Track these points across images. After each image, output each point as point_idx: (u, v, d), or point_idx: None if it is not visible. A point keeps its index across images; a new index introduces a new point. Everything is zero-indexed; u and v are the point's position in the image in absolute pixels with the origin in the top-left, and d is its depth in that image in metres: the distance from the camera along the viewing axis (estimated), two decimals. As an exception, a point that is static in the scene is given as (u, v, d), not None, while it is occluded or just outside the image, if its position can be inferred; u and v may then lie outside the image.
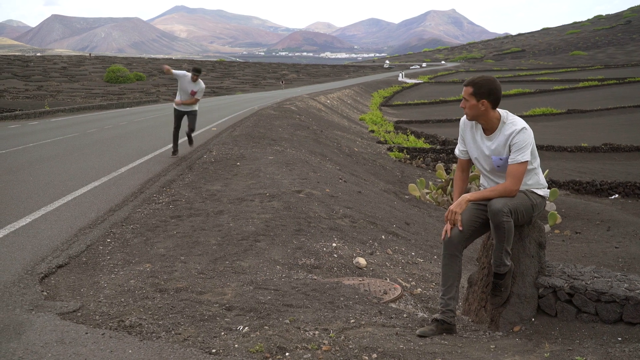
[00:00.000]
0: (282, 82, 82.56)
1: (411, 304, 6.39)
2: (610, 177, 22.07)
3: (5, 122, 31.10)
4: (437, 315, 4.96)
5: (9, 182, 11.50)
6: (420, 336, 4.77)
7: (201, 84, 15.23)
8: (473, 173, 16.17)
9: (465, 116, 5.07)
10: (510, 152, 4.83)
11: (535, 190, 4.97)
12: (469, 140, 5.14)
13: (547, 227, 13.35)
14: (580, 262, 9.98)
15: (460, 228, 4.86)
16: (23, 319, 4.91)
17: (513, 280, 5.00)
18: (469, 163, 5.29)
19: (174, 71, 15.04)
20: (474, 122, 5.04)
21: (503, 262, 4.87)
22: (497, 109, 4.90)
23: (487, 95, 4.82)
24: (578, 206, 16.31)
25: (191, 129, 15.75)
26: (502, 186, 4.83)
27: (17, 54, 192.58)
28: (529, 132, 4.82)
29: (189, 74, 15.02)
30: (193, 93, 15.21)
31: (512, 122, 4.86)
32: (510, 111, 5.00)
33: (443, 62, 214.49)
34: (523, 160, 4.76)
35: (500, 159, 4.87)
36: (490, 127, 4.93)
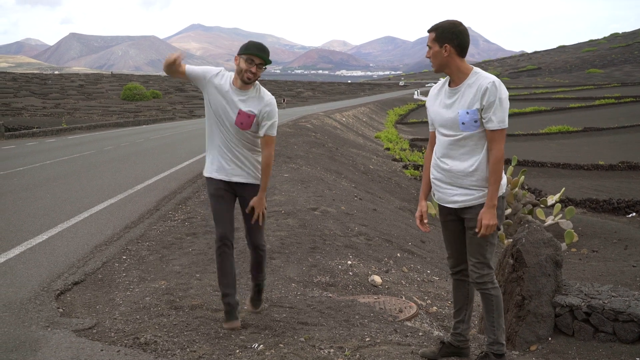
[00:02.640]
0: (284, 101, 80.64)
1: (427, 323, 6.35)
2: (628, 196, 21.90)
3: (23, 139, 31.34)
4: (445, 337, 4.84)
5: (27, 199, 11.57)
6: (422, 357, 4.62)
7: (267, 96, 5.26)
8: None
9: (433, 86, 4.61)
10: (483, 109, 4.21)
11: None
12: (432, 101, 4.55)
13: (563, 246, 13.26)
14: (597, 281, 9.89)
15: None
16: (39, 336, 4.92)
17: (529, 299, 4.95)
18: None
19: (189, 67, 5.28)
20: (441, 84, 4.51)
21: (497, 340, 4.39)
22: (473, 67, 4.37)
23: (450, 39, 4.26)
24: (595, 225, 16.19)
25: (257, 245, 5.50)
26: (492, 164, 4.24)
27: (35, 72, 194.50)
28: (504, 89, 4.24)
29: (230, 73, 5.37)
30: (245, 119, 5.18)
31: (486, 76, 4.27)
32: (526, 129, 4.77)
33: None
34: (502, 127, 4.21)
35: (467, 112, 4.23)
36: (457, 79, 4.35)
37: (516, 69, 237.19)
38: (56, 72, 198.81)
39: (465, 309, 4.68)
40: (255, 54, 4.98)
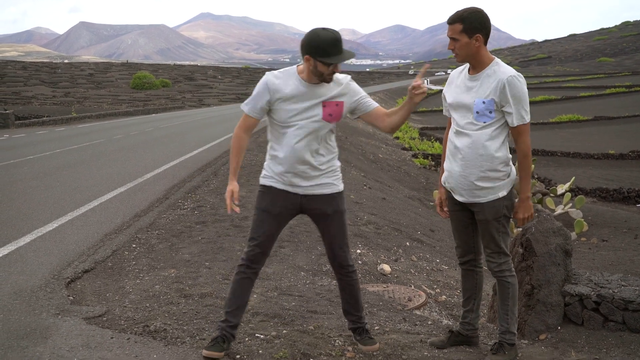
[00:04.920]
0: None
1: (436, 311, 6.36)
2: (638, 185, 21.81)
3: (33, 128, 31.43)
4: (453, 327, 4.86)
5: (37, 188, 11.61)
6: (430, 345, 4.63)
7: (349, 83, 4.45)
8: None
9: (453, 71, 4.49)
10: (503, 102, 4.13)
11: (505, 190, 4.28)
12: (450, 87, 4.44)
13: (573, 235, 13.23)
14: (607, 270, 9.86)
15: None
16: (49, 323, 4.95)
17: (539, 289, 4.95)
18: None
19: (254, 114, 4.49)
20: (462, 68, 4.41)
21: (509, 330, 4.38)
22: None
23: (480, 29, 4.12)
24: (605, 214, 16.13)
25: (340, 256, 4.52)
26: (520, 159, 4.23)
27: (45, 60, 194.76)
28: (522, 77, 4.16)
29: (296, 70, 4.36)
30: (331, 109, 4.33)
31: (504, 70, 4.16)
32: (536, 118, 4.69)
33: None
34: (527, 122, 4.16)
35: (484, 102, 4.15)
36: (478, 67, 4.23)
37: (526, 58, 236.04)
38: (66, 61, 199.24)
39: (473, 298, 4.66)
40: (338, 61, 4.14)
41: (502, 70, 4.15)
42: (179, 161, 15.72)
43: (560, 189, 16.95)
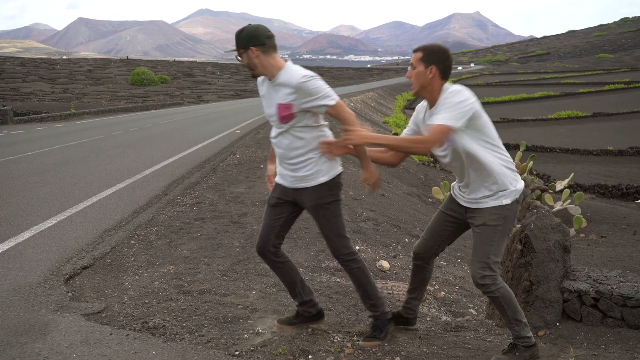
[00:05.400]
0: None
1: (434, 308, 6.36)
2: (637, 181, 21.86)
3: (31, 124, 31.42)
4: (395, 309, 5.00)
5: (35, 184, 11.61)
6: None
7: (299, 85, 4.30)
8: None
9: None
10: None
11: (503, 201, 4.22)
12: (420, 122, 4.44)
13: (572, 231, 13.23)
14: (605, 267, 9.88)
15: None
16: (48, 320, 4.95)
17: (537, 285, 4.95)
18: None
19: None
20: (426, 104, 4.37)
21: (520, 335, 4.29)
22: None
23: (437, 62, 4.17)
24: (604, 210, 16.15)
25: (330, 247, 4.64)
26: (409, 138, 4.25)
27: (43, 57, 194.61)
28: (464, 94, 4.10)
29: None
30: (282, 111, 4.36)
31: (452, 89, 4.17)
32: (535, 114, 4.66)
33: (472, 64, 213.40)
34: (442, 123, 4.02)
35: None
36: (432, 100, 4.26)
37: (525, 54, 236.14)
38: (64, 57, 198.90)
39: (418, 290, 4.83)
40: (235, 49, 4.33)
41: (451, 89, 4.17)
42: (177, 157, 15.71)
43: (559, 185, 16.96)
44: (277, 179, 4.57)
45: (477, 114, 4.09)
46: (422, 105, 4.42)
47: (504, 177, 4.19)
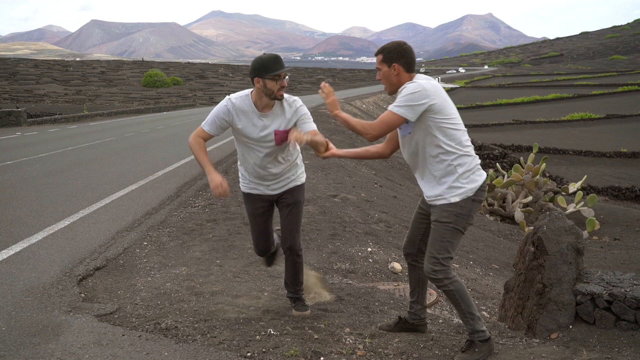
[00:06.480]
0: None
1: (447, 310, 6.35)
2: (651, 183, 21.71)
3: (45, 125, 31.57)
4: (402, 314, 5.01)
5: (49, 185, 11.66)
6: (379, 329, 4.88)
7: (298, 108, 4.89)
8: (510, 178, 16.04)
9: None
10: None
11: (451, 200, 4.28)
12: None
13: (585, 234, 13.19)
14: (619, 269, 9.83)
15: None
16: (61, 320, 4.97)
17: (550, 287, 4.93)
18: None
19: (208, 131, 4.89)
20: None
21: (475, 329, 4.36)
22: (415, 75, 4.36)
23: (398, 58, 4.31)
24: (617, 212, 16.07)
25: (291, 247, 5.17)
26: (362, 122, 4.39)
27: (57, 58, 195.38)
28: (420, 84, 4.17)
29: (239, 105, 4.82)
30: (279, 137, 4.86)
31: (412, 82, 4.26)
32: (548, 116, 4.69)
33: (485, 66, 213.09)
34: (394, 112, 4.16)
35: (407, 122, 4.27)
36: None
37: (538, 56, 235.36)
38: (77, 59, 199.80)
39: (417, 291, 4.83)
40: (281, 70, 4.62)
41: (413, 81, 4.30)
42: (190, 159, 15.74)
43: (572, 187, 16.91)
44: (256, 191, 5.13)
45: (435, 111, 4.18)
46: None
47: (452, 175, 4.26)
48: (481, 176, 4.36)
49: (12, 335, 4.66)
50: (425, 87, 4.14)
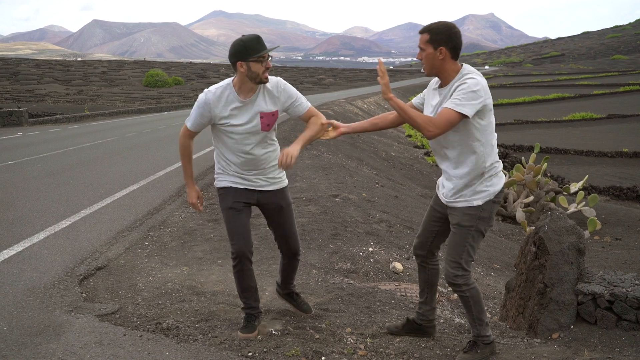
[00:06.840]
0: None
1: (448, 310, 6.34)
2: (652, 183, 21.69)
3: (46, 125, 31.57)
4: (410, 315, 4.97)
5: (50, 185, 11.66)
6: (386, 330, 4.84)
7: (283, 88, 4.66)
8: (512, 178, 16.03)
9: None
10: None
11: (474, 202, 4.21)
12: (427, 94, 4.42)
13: (586, 234, 13.18)
14: (620, 269, 9.82)
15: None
16: (62, 320, 4.97)
17: (552, 287, 4.92)
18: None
19: (193, 127, 4.93)
20: (436, 81, 4.31)
21: (480, 334, 4.39)
22: (462, 64, 4.18)
23: (446, 42, 4.07)
24: (618, 212, 16.05)
25: (296, 252, 5.10)
26: (424, 117, 4.06)
27: (58, 58, 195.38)
28: (479, 81, 4.02)
29: (217, 95, 4.61)
30: (267, 119, 4.63)
31: (469, 73, 4.10)
32: (549, 116, 4.60)
33: (486, 66, 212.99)
34: (458, 111, 3.94)
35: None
36: (444, 81, 4.19)
37: (539, 56, 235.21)
38: (79, 59, 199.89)
39: (426, 292, 4.76)
40: (265, 50, 4.37)
41: (467, 73, 4.10)
42: (191, 159, 15.72)
43: (574, 187, 16.90)
44: (238, 185, 4.72)
45: (485, 110, 4.07)
46: (436, 80, 4.33)
47: (480, 178, 4.18)
48: (502, 179, 4.31)
49: (14, 335, 4.66)
50: (483, 84, 4.04)
